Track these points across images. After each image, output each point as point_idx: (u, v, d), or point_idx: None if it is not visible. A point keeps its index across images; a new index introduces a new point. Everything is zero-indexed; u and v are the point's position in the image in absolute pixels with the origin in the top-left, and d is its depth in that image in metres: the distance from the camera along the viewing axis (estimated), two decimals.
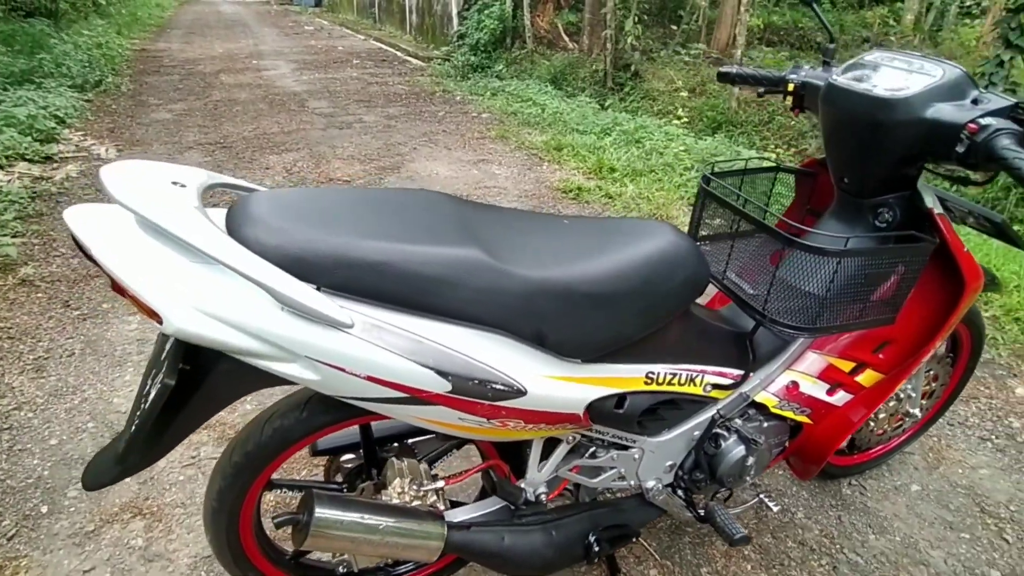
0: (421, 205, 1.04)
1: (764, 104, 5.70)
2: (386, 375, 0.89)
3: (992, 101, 1.08)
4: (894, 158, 1.19)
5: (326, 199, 1.01)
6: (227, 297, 0.83)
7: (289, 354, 0.86)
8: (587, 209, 3.99)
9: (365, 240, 0.89)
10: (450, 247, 0.93)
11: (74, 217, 0.82)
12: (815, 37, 10.34)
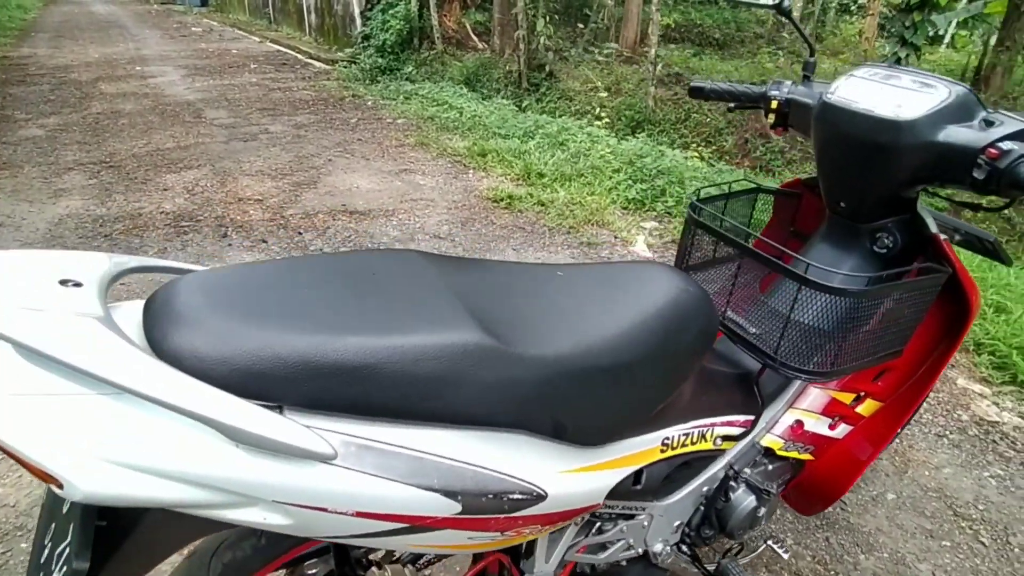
0: (396, 272, 0.85)
1: (680, 103, 5.80)
2: (380, 508, 0.70)
3: (1006, 123, 1.02)
4: (898, 182, 1.12)
5: (277, 277, 0.79)
6: (154, 438, 0.61)
7: (248, 499, 0.65)
8: (520, 219, 3.86)
9: (340, 336, 0.69)
10: (447, 332, 0.74)
11: None
12: (712, 34, 10.75)
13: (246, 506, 0.65)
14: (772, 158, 4.82)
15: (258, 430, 0.61)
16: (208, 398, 0.60)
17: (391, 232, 3.60)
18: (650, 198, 4.05)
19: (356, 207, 3.94)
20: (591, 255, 3.40)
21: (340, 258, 0.87)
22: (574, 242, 3.54)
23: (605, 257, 3.39)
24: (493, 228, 3.71)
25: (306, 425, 0.65)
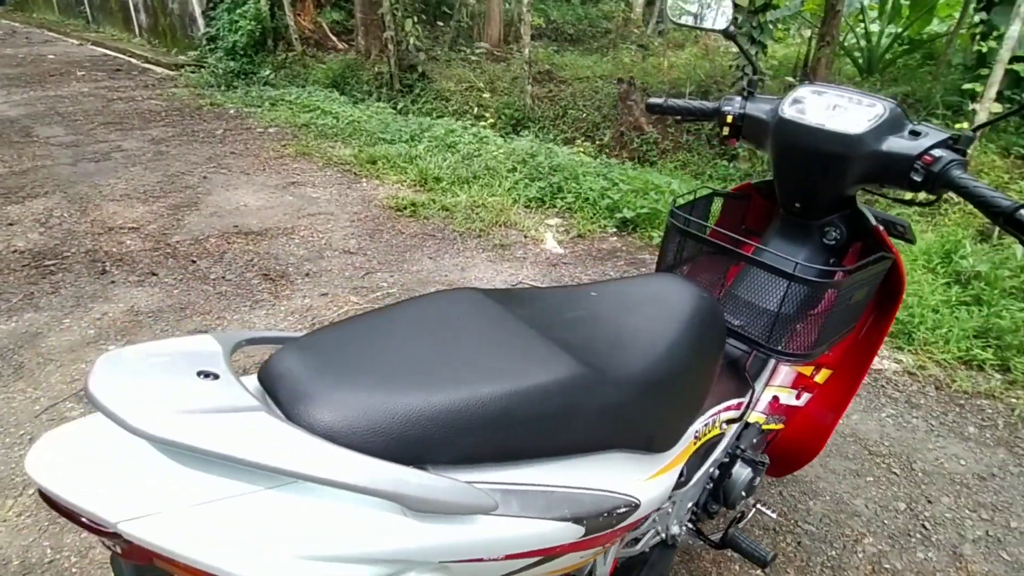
0: (468, 314, 0.86)
1: (555, 100, 6.04)
2: (526, 546, 0.72)
3: (931, 133, 1.22)
4: (846, 185, 1.31)
5: (370, 336, 0.77)
6: (336, 523, 0.59)
7: (415, 565, 0.65)
8: (428, 226, 3.84)
9: (472, 389, 0.70)
10: (555, 368, 0.78)
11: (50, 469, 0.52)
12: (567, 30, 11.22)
13: (418, 573, 0.65)
14: (648, 149, 5.19)
15: (436, 495, 0.61)
16: (387, 472, 0.59)
17: (296, 251, 3.43)
18: (549, 195, 4.20)
19: (250, 227, 3.70)
20: (506, 256, 3.48)
21: (409, 307, 0.86)
22: (487, 245, 3.60)
23: (520, 256, 3.48)
24: (403, 238, 3.66)
25: (466, 481, 0.66)
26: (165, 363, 0.61)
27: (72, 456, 0.57)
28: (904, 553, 1.73)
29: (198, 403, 0.57)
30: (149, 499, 0.54)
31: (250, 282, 3.10)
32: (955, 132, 1.18)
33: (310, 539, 0.57)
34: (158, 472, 0.56)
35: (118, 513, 0.52)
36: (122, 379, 0.57)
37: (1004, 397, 2.38)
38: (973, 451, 2.12)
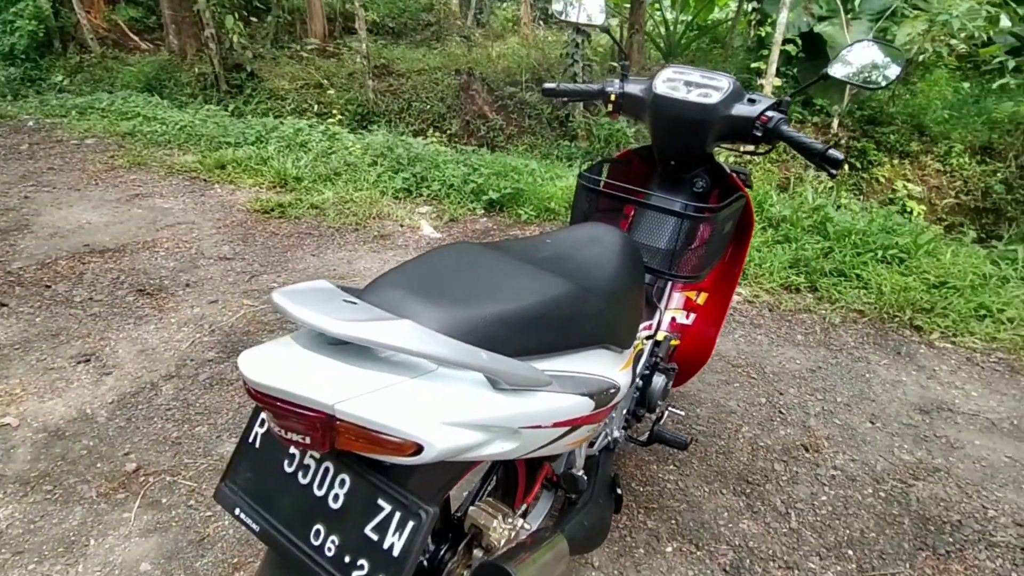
0: (486, 257, 1.11)
1: (398, 93, 6.18)
2: (565, 415, 1.00)
3: (762, 100, 1.64)
4: (707, 143, 1.70)
5: (427, 271, 1.00)
6: (455, 400, 0.83)
7: (505, 431, 0.90)
8: (302, 225, 3.85)
9: (523, 301, 0.97)
10: (558, 285, 1.06)
11: (264, 371, 0.71)
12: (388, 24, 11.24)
13: (496, 440, 0.90)
14: (495, 135, 5.57)
15: (518, 371, 0.87)
16: (492, 358, 0.84)
17: (166, 263, 3.29)
18: (415, 185, 4.40)
19: (104, 245, 3.45)
20: (388, 245, 3.64)
21: (435, 256, 1.08)
22: (367, 237, 3.72)
23: (401, 244, 3.66)
24: (278, 239, 3.65)
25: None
26: (316, 295, 0.80)
27: (276, 363, 0.74)
28: (771, 433, 2.27)
29: (362, 315, 0.77)
30: (347, 388, 0.74)
31: (125, 300, 2.94)
32: (779, 98, 1.62)
33: (446, 411, 0.80)
34: (341, 371, 0.76)
35: (333, 397, 0.72)
36: (303, 302, 0.75)
37: (817, 310, 3.10)
38: (803, 352, 2.77)
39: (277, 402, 0.74)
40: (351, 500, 0.85)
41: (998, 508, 1.99)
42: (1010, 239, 3.68)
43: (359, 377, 0.77)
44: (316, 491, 0.87)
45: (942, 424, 2.37)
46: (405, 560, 0.80)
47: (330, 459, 0.87)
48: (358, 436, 0.76)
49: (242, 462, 0.96)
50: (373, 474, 0.84)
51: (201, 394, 2.33)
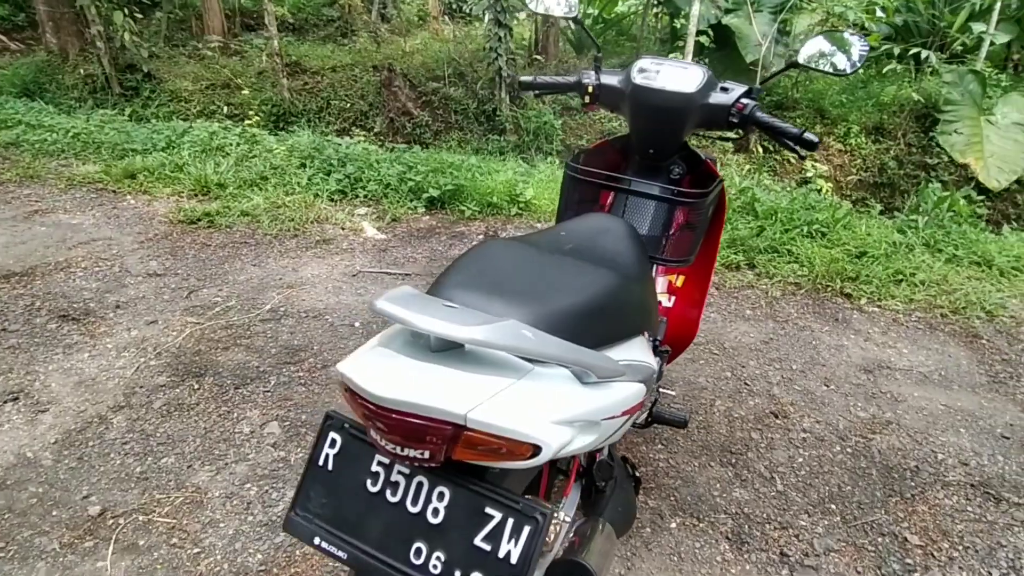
0: (524, 253, 1.10)
1: (315, 92, 5.93)
2: (631, 403, 1.01)
3: (735, 88, 1.71)
4: (686, 131, 1.76)
5: (488, 270, 0.98)
6: (555, 397, 0.81)
7: (589, 425, 0.89)
8: (235, 234, 3.63)
9: (582, 295, 0.96)
10: (608, 275, 1.06)
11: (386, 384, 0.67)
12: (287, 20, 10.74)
13: (581, 434, 0.89)
14: (422, 132, 5.47)
15: (603, 364, 0.87)
16: (584, 352, 0.83)
17: (87, 284, 2.99)
18: (349, 187, 4.25)
19: (7, 269, 3.08)
20: (332, 249, 3.50)
21: (479, 254, 1.06)
22: (308, 243, 3.56)
23: (346, 248, 3.53)
24: (211, 250, 3.41)
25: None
26: (416, 300, 0.76)
27: (395, 375, 0.70)
28: (742, 404, 2.40)
29: (472, 318, 0.74)
30: (471, 396, 0.71)
31: (46, 328, 2.65)
32: (750, 86, 1.69)
33: (552, 409, 0.79)
34: (459, 379, 0.72)
35: (464, 406, 0.68)
36: (416, 308, 0.71)
37: (758, 286, 3.30)
38: (754, 326, 2.94)
39: (396, 416, 0.70)
40: (454, 512, 0.81)
41: (944, 451, 2.21)
42: (910, 209, 4.09)
43: (477, 383, 0.74)
44: (411, 508, 0.83)
45: (884, 381, 2.60)
46: (525, 567, 0.78)
47: (423, 473, 0.83)
48: (481, 444, 0.73)
49: (314, 487, 0.90)
50: (475, 483, 0.81)
51: (159, 423, 2.15)
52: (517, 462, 0.76)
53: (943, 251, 3.59)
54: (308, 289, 3.04)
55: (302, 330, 2.70)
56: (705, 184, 1.78)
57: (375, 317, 2.81)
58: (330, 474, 0.89)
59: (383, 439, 0.76)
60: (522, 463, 0.76)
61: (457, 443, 0.73)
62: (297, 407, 2.23)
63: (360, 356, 0.77)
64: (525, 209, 4.08)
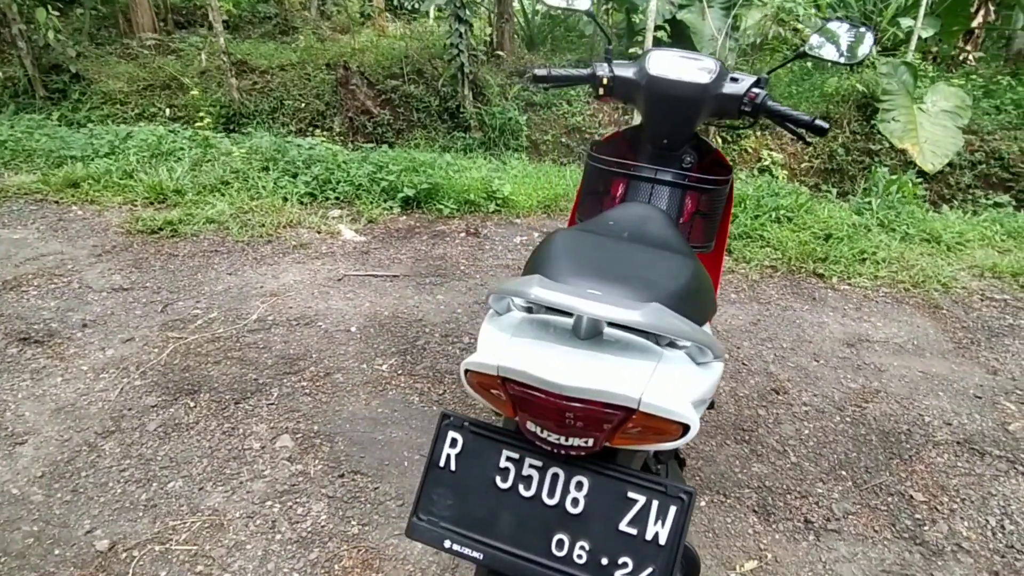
0: (594, 242, 1.10)
1: (266, 92, 5.70)
2: (717, 383, 1.02)
3: (744, 78, 1.75)
4: (699, 121, 1.79)
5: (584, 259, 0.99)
6: (686, 378, 0.82)
7: (702, 404, 0.90)
8: (203, 243, 3.44)
9: (676, 280, 0.97)
10: (686, 260, 1.07)
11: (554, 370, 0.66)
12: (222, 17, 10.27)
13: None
14: (384, 131, 5.34)
15: (717, 343, 0.88)
16: (710, 335, 0.83)
17: (46, 304, 2.77)
18: (319, 189, 4.11)
19: None
20: (311, 254, 3.38)
21: (559, 243, 1.05)
22: (284, 248, 3.42)
23: (326, 251, 3.41)
24: (179, 260, 3.23)
25: None
26: (564, 288, 0.75)
27: (563, 362, 0.68)
28: (744, 383, 2.47)
29: (626, 304, 0.73)
30: (636, 381, 0.70)
31: (6, 353, 2.44)
32: (758, 76, 1.74)
33: (689, 390, 0.79)
34: (618, 364, 0.72)
35: (636, 390, 0.68)
36: (571, 295, 0.70)
37: (737, 270, 3.41)
38: (741, 309, 3.03)
39: (576, 404, 0.69)
40: (595, 500, 0.80)
41: (929, 414, 2.35)
42: (863, 193, 4.32)
43: (637, 368, 0.75)
44: (547, 500, 0.82)
45: (866, 353, 2.73)
46: (674, 546, 0.78)
47: (558, 465, 0.82)
48: (640, 427, 0.73)
49: (436, 489, 0.87)
50: (615, 469, 0.81)
51: (158, 446, 2.01)
52: (667, 443, 0.76)
53: (896, 230, 3.81)
54: (294, 296, 2.92)
55: (296, 338, 2.59)
56: (713, 172, 1.82)
57: (370, 322, 2.73)
58: (453, 474, 0.86)
59: (545, 430, 0.74)
60: (671, 443, 0.76)
61: (619, 428, 0.73)
62: (307, 418, 2.14)
63: (512, 347, 0.75)
64: (503, 205, 4.06)
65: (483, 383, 0.80)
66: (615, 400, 0.70)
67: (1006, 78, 5.21)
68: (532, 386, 0.72)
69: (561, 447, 0.75)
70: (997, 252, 3.60)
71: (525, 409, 0.74)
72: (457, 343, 2.62)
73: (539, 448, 0.81)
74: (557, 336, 0.80)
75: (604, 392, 0.69)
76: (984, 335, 2.86)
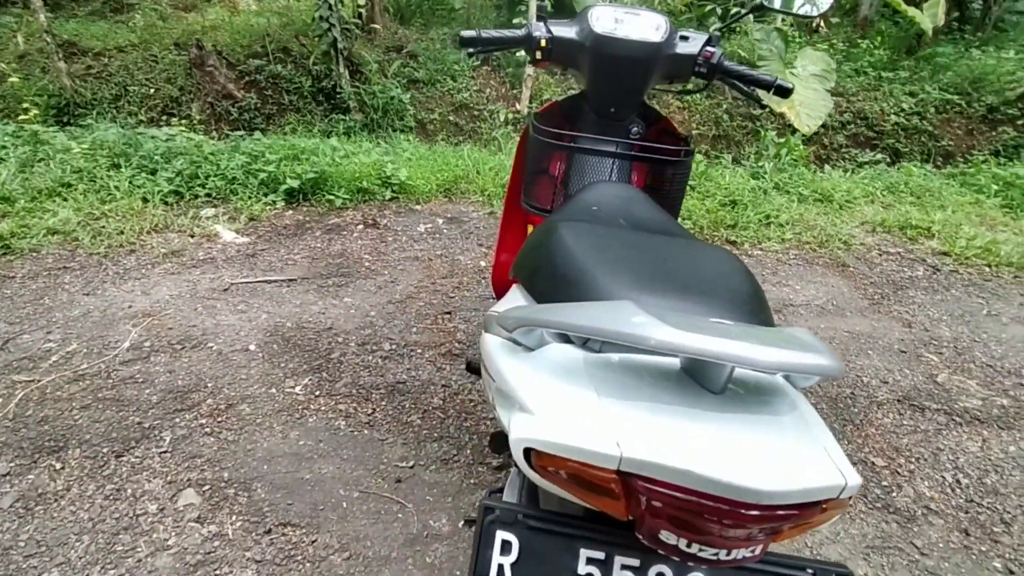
0: (621, 239, 0.93)
1: (105, 77, 4.90)
2: None
3: (695, 36, 1.60)
4: (651, 84, 1.63)
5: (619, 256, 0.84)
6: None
7: None
8: (46, 259, 2.85)
9: (738, 280, 0.85)
10: (724, 251, 0.93)
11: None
12: None
13: None
14: (252, 117, 4.77)
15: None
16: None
17: None
18: (185, 186, 3.57)
19: None
20: (187, 262, 2.91)
21: (588, 241, 0.87)
22: (152, 258, 2.92)
23: (203, 258, 2.96)
24: (18, 283, 2.65)
25: None
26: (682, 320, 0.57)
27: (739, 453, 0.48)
28: None
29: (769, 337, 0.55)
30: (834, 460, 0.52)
31: None
32: (710, 33, 1.61)
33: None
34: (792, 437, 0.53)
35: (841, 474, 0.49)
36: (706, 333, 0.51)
37: None
38: None
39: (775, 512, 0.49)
40: None
41: (866, 374, 2.43)
42: (756, 157, 4.47)
43: (808, 433, 0.55)
44: None
45: (793, 317, 2.80)
46: None
47: (662, 562, 0.61)
48: (817, 516, 0.54)
49: None
50: (746, 562, 0.61)
51: (18, 527, 1.60)
52: (826, 522, 0.59)
53: (791, 192, 3.98)
54: (172, 315, 2.48)
55: (183, 366, 2.19)
56: (663, 142, 1.70)
57: (271, 337, 2.38)
58: None
59: (693, 544, 0.53)
60: (830, 520, 0.59)
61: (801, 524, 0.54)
62: (212, 464, 1.79)
63: (636, 427, 0.53)
64: (401, 192, 3.76)
65: (572, 471, 0.57)
66: (820, 495, 0.50)
67: (864, 42, 5.61)
68: (692, 490, 0.50)
69: (709, 562, 0.54)
70: (882, 207, 3.86)
71: (660, 515, 0.52)
72: (377, 351, 2.35)
73: (638, 545, 0.60)
74: (671, 392, 0.59)
75: (814, 489, 0.50)
76: (891, 289, 3.03)
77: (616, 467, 0.51)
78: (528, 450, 0.58)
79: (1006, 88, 5.09)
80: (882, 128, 4.94)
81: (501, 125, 5.09)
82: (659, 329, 0.51)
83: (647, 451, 0.50)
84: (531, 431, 0.58)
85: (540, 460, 0.57)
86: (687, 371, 0.63)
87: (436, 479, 1.79)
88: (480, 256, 3.15)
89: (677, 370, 0.64)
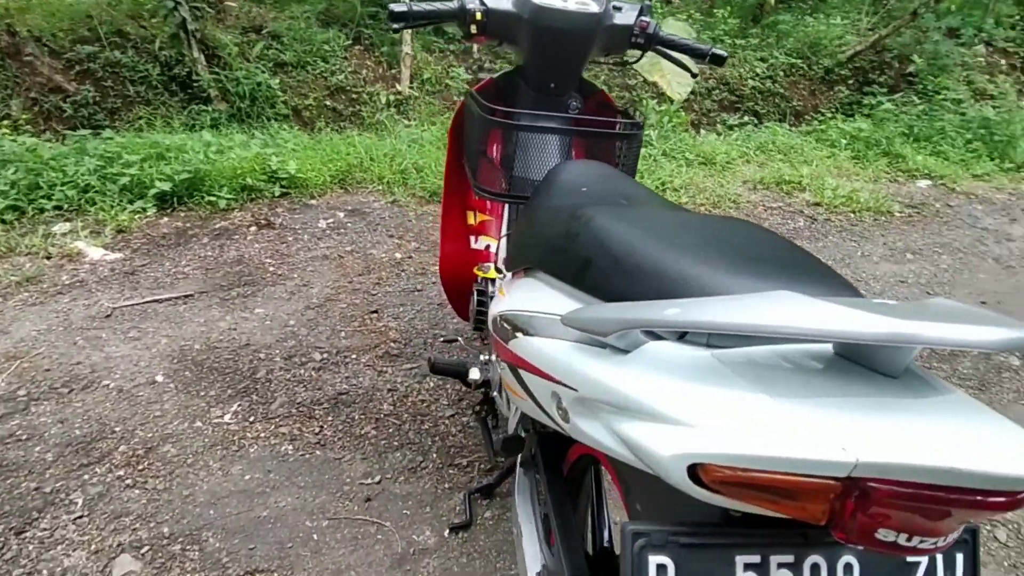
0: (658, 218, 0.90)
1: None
2: None
3: (629, 7, 1.57)
4: (590, 57, 1.58)
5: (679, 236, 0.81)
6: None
7: None
8: None
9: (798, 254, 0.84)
10: (749, 223, 0.92)
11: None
12: None
13: None
14: (92, 112, 4.12)
15: None
16: None
17: None
18: (25, 199, 3.02)
19: None
20: (50, 290, 2.46)
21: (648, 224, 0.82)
22: (5, 288, 2.44)
23: (70, 282, 2.52)
24: None
25: None
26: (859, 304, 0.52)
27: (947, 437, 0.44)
28: None
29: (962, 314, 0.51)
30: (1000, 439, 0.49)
31: None
32: (641, 3, 1.60)
33: None
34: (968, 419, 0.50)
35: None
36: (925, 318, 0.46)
37: None
38: None
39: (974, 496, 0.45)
40: None
41: None
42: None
43: (986, 412, 0.52)
44: None
45: None
46: None
47: (815, 551, 0.58)
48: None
49: None
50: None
51: None
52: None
53: (678, 158, 4.18)
54: (46, 353, 2.10)
55: (77, 412, 1.86)
56: (601, 115, 1.68)
57: (179, 363, 2.09)
58: None
59: (914, 536, 0.49)
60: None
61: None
62: (145, 520, 1.54)
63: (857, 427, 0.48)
64: (291, 186, 3.45)
65: (769, 483, 0.50)
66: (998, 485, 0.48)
67: (719, 12, 5.97)
68: (938, 485, 0.46)
69: (926, 551, 0.51)
70: (757, 166, 4.17)
71: (882, 515, 0.48)
72: (308, 363, 2.14)
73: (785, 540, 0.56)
74: (848, 383, 0.54)
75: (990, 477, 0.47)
76: None
77: (847, 474, 0.46)
78: (695, 465, 0.52)
79: (837, 52, 5.69)
80: (743, 92, 5.32)
81: (384, 108, 4.84)
82: (874, 321, 0.46)
83: (886, 453, 0.46)
84: (703, 446, 0.52)
85: (715, 475, 0.51)
86: (845, 356, 0.59)
87: (408, 490, 1.68)
88: (394, 248, 2.98)
89: (831, 356, 0.60)
